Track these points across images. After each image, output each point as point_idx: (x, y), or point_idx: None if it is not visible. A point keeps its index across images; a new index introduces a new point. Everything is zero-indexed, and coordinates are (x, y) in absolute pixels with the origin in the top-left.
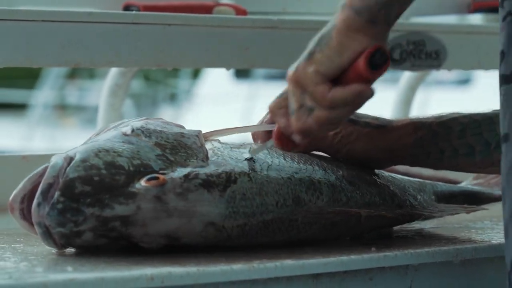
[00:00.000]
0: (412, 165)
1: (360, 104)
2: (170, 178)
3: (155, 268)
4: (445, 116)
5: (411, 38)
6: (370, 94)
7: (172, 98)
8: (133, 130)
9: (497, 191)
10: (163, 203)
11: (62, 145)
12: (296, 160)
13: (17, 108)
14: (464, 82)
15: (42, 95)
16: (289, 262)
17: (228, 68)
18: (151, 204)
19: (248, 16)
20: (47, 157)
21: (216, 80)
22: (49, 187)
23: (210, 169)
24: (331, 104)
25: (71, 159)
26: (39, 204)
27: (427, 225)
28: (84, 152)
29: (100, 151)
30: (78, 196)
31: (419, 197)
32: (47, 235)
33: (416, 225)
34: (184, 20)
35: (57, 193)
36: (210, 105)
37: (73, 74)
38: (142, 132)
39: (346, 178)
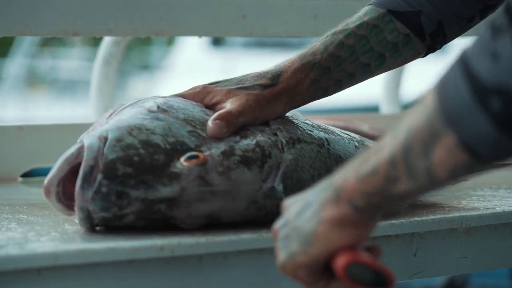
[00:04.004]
0: (310, 101)
1: None
2: (209, 155)
3: (164, 238)
4: (329, 46)
5: None
6: None
7: (145, 67)
8: (158, 107)
9: None
10: (207, 183)
11: (34, 115)
12: (327, 131)
13: None
14: None
15: (15, 64)
16: None
17: (225, 36)
18: (196, 185)
19: None
20: (44, 127)
21: (191, 48)
22: (91, 169)
23: (243, 143)
24: None
25: (105, 138)
26: (82, 188)
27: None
28: (116, 131)
29: (132, 129)
30: (121, 178)
31: None
32: (87, 219)
33: None
34: None
35: (99, 176)
36: (184, 75)
37: (46, 42)
38: (168, 108)
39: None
